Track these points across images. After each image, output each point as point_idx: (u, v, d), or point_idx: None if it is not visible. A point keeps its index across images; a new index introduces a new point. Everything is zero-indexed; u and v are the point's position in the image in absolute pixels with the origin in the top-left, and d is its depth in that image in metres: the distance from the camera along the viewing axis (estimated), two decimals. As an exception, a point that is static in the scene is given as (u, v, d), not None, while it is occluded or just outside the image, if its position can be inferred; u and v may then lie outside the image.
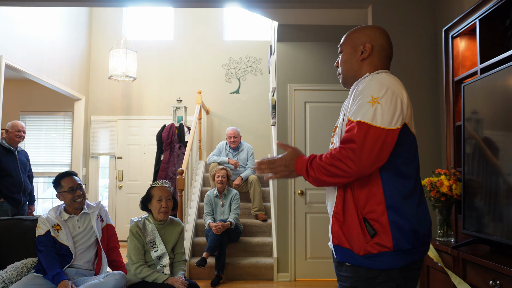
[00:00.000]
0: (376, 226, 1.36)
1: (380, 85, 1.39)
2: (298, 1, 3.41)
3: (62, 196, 2.70)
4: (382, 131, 1.32)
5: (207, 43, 7.30)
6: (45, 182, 7.47)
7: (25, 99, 7.20)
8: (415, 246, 1.37)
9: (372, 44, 1.51)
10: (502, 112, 1.99)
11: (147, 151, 7.13)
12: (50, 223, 2.62)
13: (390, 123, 1.33)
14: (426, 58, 3.25)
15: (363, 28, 1.58)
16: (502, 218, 1.96)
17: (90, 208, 2.78)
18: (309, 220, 4.66)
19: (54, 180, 2.75)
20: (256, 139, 7.06)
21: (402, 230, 1.35)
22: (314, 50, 4.71)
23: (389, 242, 1.34)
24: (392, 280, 1.37)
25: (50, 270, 2.46)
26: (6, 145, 4.34)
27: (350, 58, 1.55)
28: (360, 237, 1.36)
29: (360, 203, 1.39)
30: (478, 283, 1.97)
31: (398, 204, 1.37)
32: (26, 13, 5.26)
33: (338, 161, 1.34)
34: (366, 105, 1.35)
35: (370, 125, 1.32)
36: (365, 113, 1.34)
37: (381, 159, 1.33)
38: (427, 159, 3.09)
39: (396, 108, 1.35)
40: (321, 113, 4.73)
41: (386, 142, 1.32)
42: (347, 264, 1.41)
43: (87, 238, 2.68)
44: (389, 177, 1.39)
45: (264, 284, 4.49)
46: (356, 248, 1.37)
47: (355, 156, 1.31)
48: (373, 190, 1.38)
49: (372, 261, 1.35)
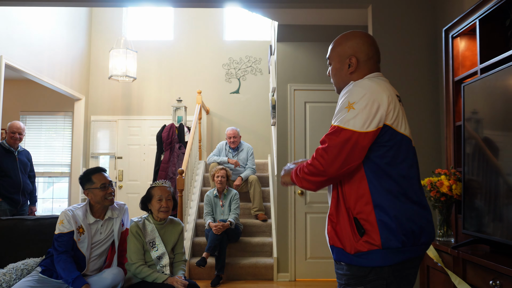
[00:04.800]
0: (366, 226, 1.42)
1: (358, 90, 1.46)
2: (298, 1, 3.41)
3: (92, 193, 2.54)
4: (353, 134, 1.40)
5: (207, 43, 7.30)
6: (45, 182, 7.47)
7: (25, 99, 7.20)
8: (405, 245, 1.41)
9: (357, 57, 1.57)
10: (502, 112, 1.99)
11: (147, 151, 7.13)
12: (75, 224, 2.45)
13: (363, 126, 1.41)
14: (426, 58, 3.25)
15: (346, 39, 1.60)
16: (502, 218, 1.96)
17: (115, 211, 2.65)
18: (309, 220, 4.66)
19: (83, 175, 2.59)
20: (256, 139, 7.06)
21: (389, 228, 1.40)
22: (314, 50, 4.71)
23: (378, 240, 1.40)
24: (382, 278, 1.42)
25: (68, 272, 2.34)
26: (6, 146, 4.34)
27: (339, 72, 1.61)
28: (350, 237, 1.43)
29: (350, 203, 1.46)
30: (478, 283, 1.97)
31: (385, 203, 1.42)
32: (26, 13, 5.26)
33: (314, 159, 1.46)
34: (343, 110, 1.45)
35: (342, 128, 1.42)
36: (340, 117, 1.44)
37: (353, 160, 1.41)
38: (427, 159, 3.10)
39: (370, 112, 1.42)
40: (321, 113, 4.73)
41: (357, 144, 1.40)
42: (342, 262, 1.48)
43: (103, 244, 2.58)
44: (374, 177, 1.45)
45: (264, 284, 4.49)
46: (347, 247, 1.43)
47: (326, 155, 1.42)
48: (361, 190, 1.45)
49: (362, 259, 1.41)
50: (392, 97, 1.47)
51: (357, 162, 1.42)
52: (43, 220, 2.87)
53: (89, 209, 2.56)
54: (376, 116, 1.42)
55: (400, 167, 1.46)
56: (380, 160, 1.44)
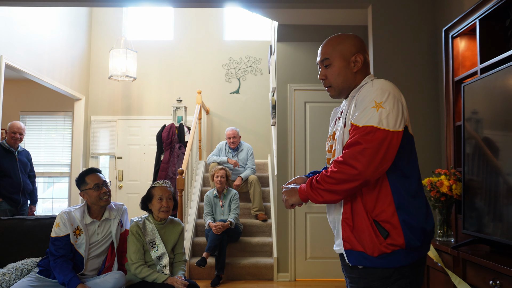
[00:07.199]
0: (387, 227, 1.41)
1: (381, 90, 1.43)
2: (298, 1, 3.41)
3: (86, 194, 2.55)
4: (389, 133, 1.37)
5: (207, 43, 7.30)
6: (45, 182, 7.47)
7: (25, 99, 7.20)
8: (423, 243, 1.44)
9: (363, 55, 1.56)
10: (502, 112, 1.99)
11: (147, 151, 7.13)
12: (71, 226, 2.45)
13: (395, 126, 1.39)
14: (426, 58, 3.25)
15: (346, 37, 1.59)
16: (502, 218, 1.96)
17: (112, 211, 2.64)
18: (309, 220, 4.66)
19: (77, 177, 2.60)
20: (256, 139, 7.07)
21: (412, 228, 1.41)
22: (314, 50, 4.70)
23: (402, 240, 1.39)
24: (405, 277, 1.43)
25: (64, 275, 2.35)
26: (6, 146, 4.34)
27: (344, 71, 1.56)
28: (373, 239, 1.40)
29: (369, 206, 1.44)
30: (478, 283, 1.97)
31: (406, 204, 1.43)
32: (26, 13, 5.26)
33: (343, 164, 1.38)
34: (370, 110, 1.40)
35: (377, 128, 1.37)
36: (371, 117, 1.39)
37: (387, 160, 1.38)
38: (427, 159, 3.10)
39: (398, 111, 1.41)
40: (321, 113, 4.72)
41: (391, 144, 1.38)
42: (360, 267, 1.45)
43: (101, 245, 2.58)
44: (395, 178, 1.44)
45: (264, 284, 4.49)
46: (369, 250, 1.41)
47: (362, 156, 1.36)
48: (382, 192, 1.43)
49: (387, 261, 1.41)
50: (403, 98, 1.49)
51: (390, 162, 1.39)
52: (43, 220, 2.88)
53: (87, 210, 2.56)
54: (403, 115, 1.42)
55: (413, 167, 1.48)
56: (399, 161, 1.44)
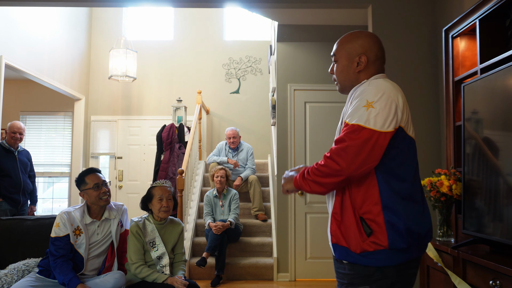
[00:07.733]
0: (372, 226, 1.41)
1: (376, 90, 1.44)
2: (298, 1, 3.41)
3: (86, 194, 2.54)
4: (374, 133, 1.38)
5: (207, 43, 7.30)
6: (45, 182, 7.46)
7: (25, 99, 7.20)
8: (411, 245, 1.42)
9: (367, 56, 1.55)
10: (502, 112, 1.99)
11: (147, 151, 7.13)
12: (71, 226, 2.45)
13: (383, 126, 1.39)
14: (426, 58, 3.25)
15: (356, 37, 1.59)
16: (502, 218, 1.96)
17: (112, 211, 2.64)
18: (309, 220, 4.66)
19: (77, 177, 2.60)
20: (256, 139, 7.07)
21: (397, 229, 1.40)
22: (314, 50, 4.71)
23: (385, 241, 1.39)
24: (387, 278, 1.42)
25: (64, 275, 2.35)
26: (6, 146, 4.34)
27: (347, 70, 1.59)
28: (357, 236, 1.42)
29: (357, 203, 1.45)
30: (478, 283, 1.97)
31: (394, 205, 1.42)
32: (26, 13, 5.26)
33: (328, 159, 1.42)
34: (361, 108, 1.42)
35: (363, 127, 1.38)
36: (360, 116, 1.41)
37: (372, 160, 1.39)
38: (427, 159, 3.09)
39: (389, 112, 1.41)
40: (321, 113, 4.73)
41: (377, 144, 1.38)
42: (345, 261, 1.47)
43: (101, 245, 2.58)
44: (384, 178, 1.44)
45: (264, 284, 4.49)
46: (352, 246, 1.42)
47: (345, 153, 1.38)
48: (370, 191, 1.44)
49: (368, 259, 1.41)
50: (404, 99, 1.48)
51: (375, 163, 1.39)
52: (43, 220, 2.88)
53: (86, 210, 2.56)
54: (395, 116, 1.41)
55: (408, 169, 1.47)
56: (390, 162, 1.44)
